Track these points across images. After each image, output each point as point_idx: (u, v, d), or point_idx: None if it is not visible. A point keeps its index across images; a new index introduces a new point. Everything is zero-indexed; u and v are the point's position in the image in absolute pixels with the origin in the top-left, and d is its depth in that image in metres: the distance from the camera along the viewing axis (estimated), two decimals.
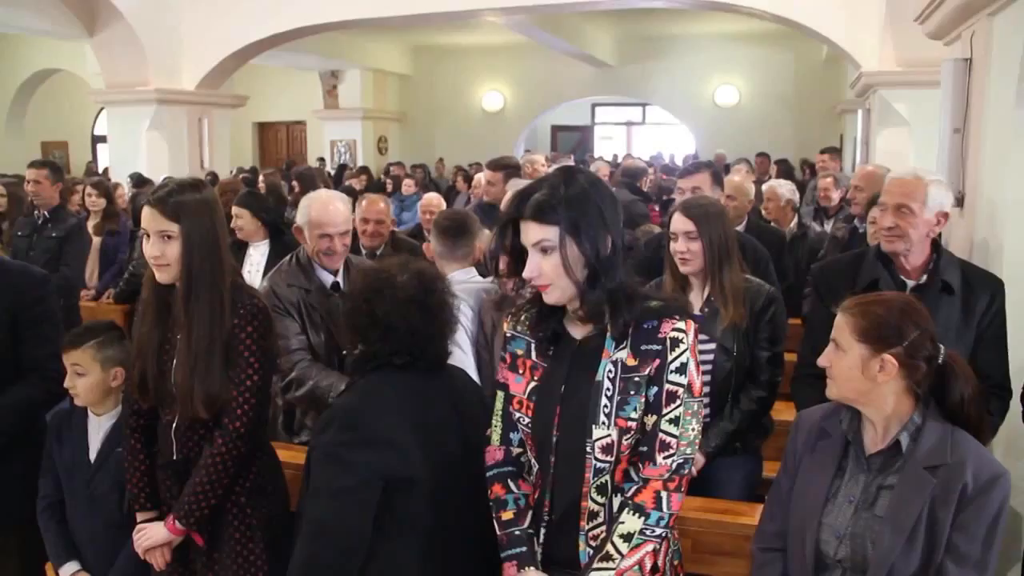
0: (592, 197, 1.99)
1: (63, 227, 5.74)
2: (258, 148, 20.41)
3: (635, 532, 1.98)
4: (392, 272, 2.29)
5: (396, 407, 2.21)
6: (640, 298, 2.03)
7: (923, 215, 2.90)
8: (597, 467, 2.02)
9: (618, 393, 2.01)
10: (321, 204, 3.46)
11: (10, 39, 16.12)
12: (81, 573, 2.83)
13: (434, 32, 16.36)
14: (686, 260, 3.17)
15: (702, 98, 17.69)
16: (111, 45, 10.88)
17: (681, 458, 2.00)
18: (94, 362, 2.82)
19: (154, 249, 2.43)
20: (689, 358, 2.00)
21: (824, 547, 2.18)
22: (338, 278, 3.44)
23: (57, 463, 2.88)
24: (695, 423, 2.02)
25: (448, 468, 2.23)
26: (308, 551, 2.16)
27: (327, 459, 2.19)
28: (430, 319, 2.26)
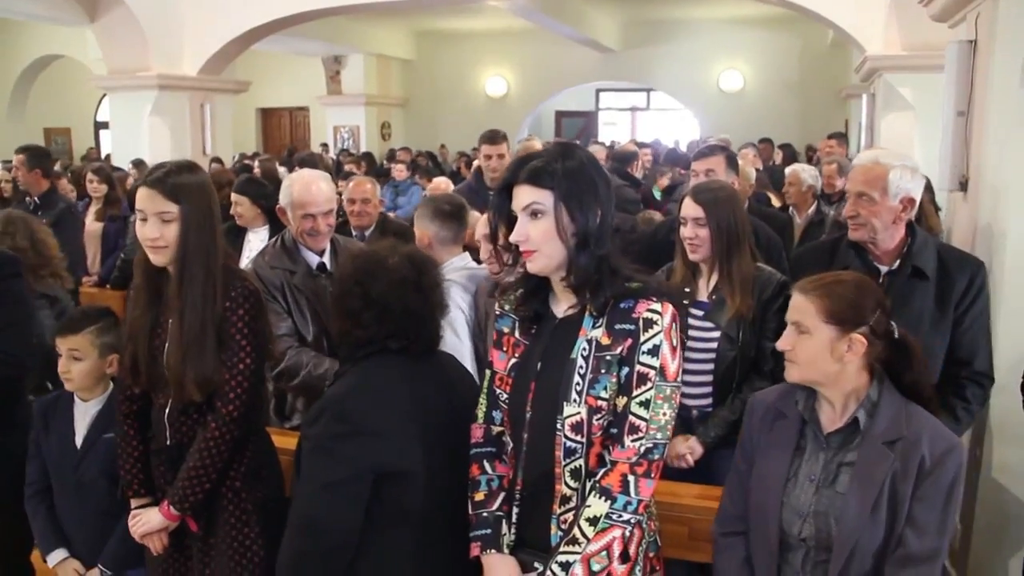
0: (588, 170, 2.01)
1: (53, 213, 5.73)
2: (261, 134, 20.37)
3: (601, 516, 1.97)
4: (383, 255, 2.28)
5: (388, 397, 2.19)
6: (623, 276, 2.02)
7: (886, 202, 2.85)
8: (568, 447, 2.02)
9: (590, 371, 2.00)
10: (303, 184, 3.43)
11: (12, 25, 16.09)
12: (70, 560, 2.82)
13: (437, 17, 16.30)
14: (695, 247, 3.13)
15: (707, 83, 17.58)
16: (112, 30, 10.86)
17: (650, 442, 1.98)
18: (92, 348, 2.80)
19: (152, 231, 2.41)
20: (663, 340, 1.98)
21: (787, 527, 2.19)
22: (324, 259, 3.41)
23: (43, 449, 2.87)
24: (667, 408, 1.99)
25: (443, 456, 2.21)
26: (296, 545, 2.16)
27: (317, 451, 2.17)
28: (424, 300, 2.24)
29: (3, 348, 2.85)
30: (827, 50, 15.74)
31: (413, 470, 2.16)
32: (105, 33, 10.96)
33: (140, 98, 10.99)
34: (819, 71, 16.37)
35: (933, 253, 2.96)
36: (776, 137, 13.36)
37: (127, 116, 11.25)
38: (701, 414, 3.19)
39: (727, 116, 16.65)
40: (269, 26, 11.05)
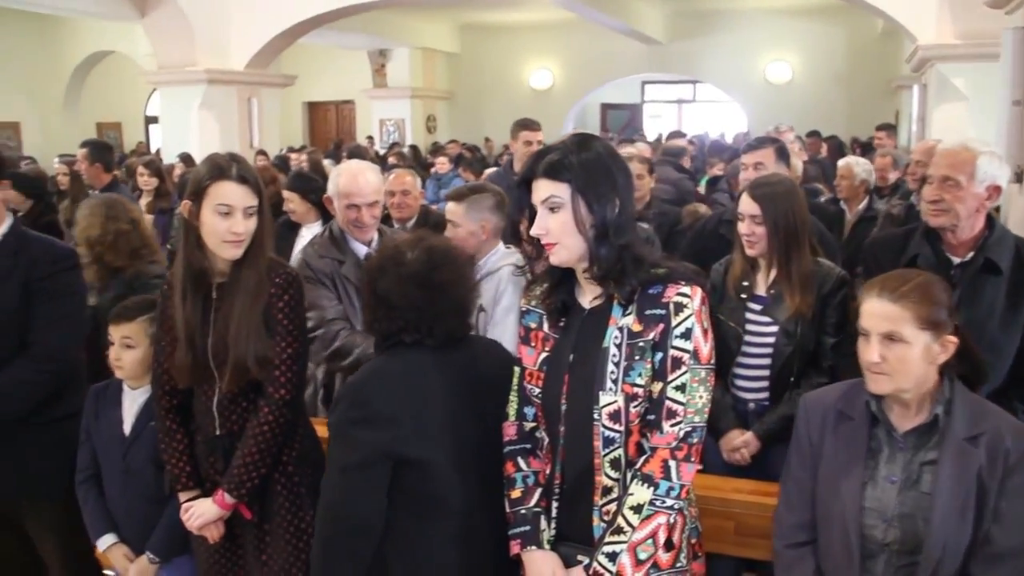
0: (604, 161, 2.01)
1: None
2: (307, 127, 20.55)
3: (645, 503, 1.95)
4: (402, 249, 2.27)
5: (403, 385, 2.18)
6: (647, 263, 2.01)
7: (971, 188, 2.76)
8: (606, 436, 2.00)
9: (624, 359, 1.99)
10: (350, 174, 3.44)
11: (66, 22, 16.39)
12: (118, 545, 2.85)
13: (482, 10, 16.30)
14: (752, 243, 3.08)
15: (753, 75, 17.42)
16: (161, 26, 11.02)
17: (689, 426, 1.97)
18: (145, 336, 2.82)
19: (240, 225, 2.42)
20: (694, 323, 1.96)
21: (870, 531, 2.12)
22: (372, 248, 3.42)
23: (93, 436, 2.90)
24: (703, 391, 1.98)
25: (467, 447, 2.20)
26: (320, 530, 2.19)
27: (335, 437, 2.21)
28: (434, 297, 2.20)
29: (51, 344, 2.87)
30: (876, 40, 15.51)
31: (429, 459, 2.15)
32: (154, 28, 11.13)
33: (189, 93, 11.15)
34: (868, 62, 16.14)
35: (1011, 247, 2.85)
36: (824, 129, 13.17)
37: (176, 110, 11.41)
38: (758, 408, 3.14)
39: (774, 108, 16.43)
40: (315, 20, 11.13)
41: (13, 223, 2.94)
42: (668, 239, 4.73)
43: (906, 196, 5.46)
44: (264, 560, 2.57)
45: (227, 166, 2.44)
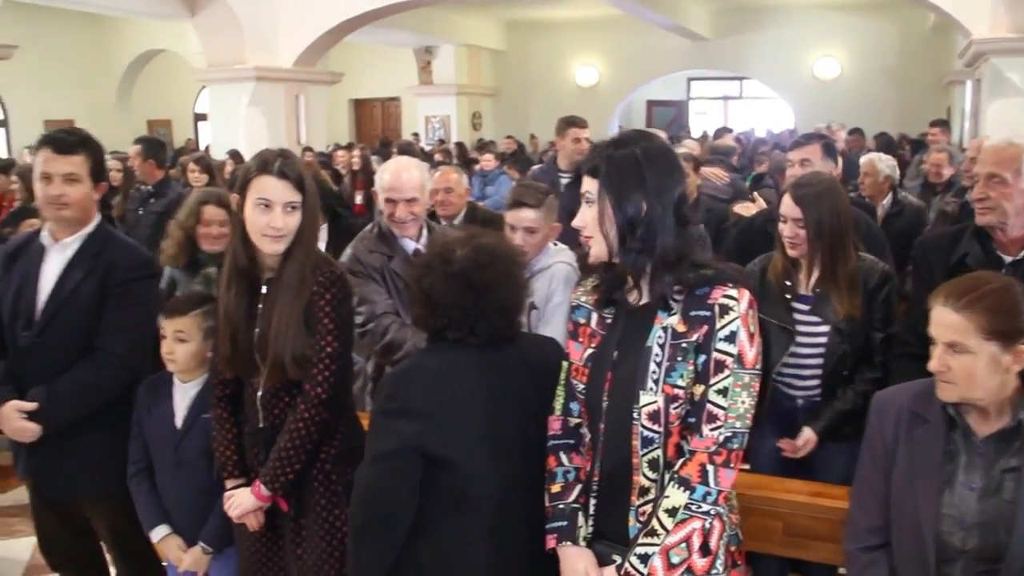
0: (637, 160, 1.99)
1: (164, 201, 5.91)
2: (353, 124, 20.70)
3: (680, 507, 1.93)
4: (451, 246, 2.27)
5: (438, 382, 2.19)
6: (689, 263, 1.99)
7: (1019, 184, 2.70)
8: (645, 436, 1.99)
9: (667, 359, 1.97)
10: (394, 170, 3.45)
11: (118, 22, 16.67)
12: (171, 536, 2.90)
13: (528, 6, 16.31)
14: (794, 244, 3.05)
15: (801, 71, 17.24)
16: (211, 24, 11.17)
17: (729, 431, 1.94)
18: (197, 331, 2.86)
19: (279, 220, 2.44)
20: (740, 327, 1.94)
21: (947, 538, 2.07)
22: (420, 244, 3.43)
23: (145, 430, 2.95)
24: (746, 396, 1.94)
25: (506, 446, 2.20)
26: (353, 516, 2.23)
27: (372, 425, 2.24)
28: (478, 296, 2.19)
29: (116, 351, 2.92)
30: (928, 35, 15.26)
31: (460, 456, 2.15)
32: (204, 27, 11.28)
33: (237, 90, 11.29)
34: (919, 57, 15.90)
35: None
36: (873, 126, 12.98)
37: (225, 107, 11.56)
38: (807, 404, 3.11)
39: (822, 104, 16.23)
40: (362, 17, 11.20)
41: (99, 223, 2.99)
42: (716, 237, 4.70)
43: (960, 193, 5.38)
44: (299, 554, 2.60)
45: (270, 161, 2.46)
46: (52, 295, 2.90)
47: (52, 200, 2.86)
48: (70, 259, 2.92)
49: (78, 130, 3.01)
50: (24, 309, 2.91)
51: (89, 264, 2.91)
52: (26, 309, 2.91)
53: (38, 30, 14.11)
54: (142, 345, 2.99)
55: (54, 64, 16.00)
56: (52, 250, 2.95)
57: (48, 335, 2.90)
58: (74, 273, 2.91)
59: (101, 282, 2.90)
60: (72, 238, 2.93)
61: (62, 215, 2.89)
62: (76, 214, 2.90)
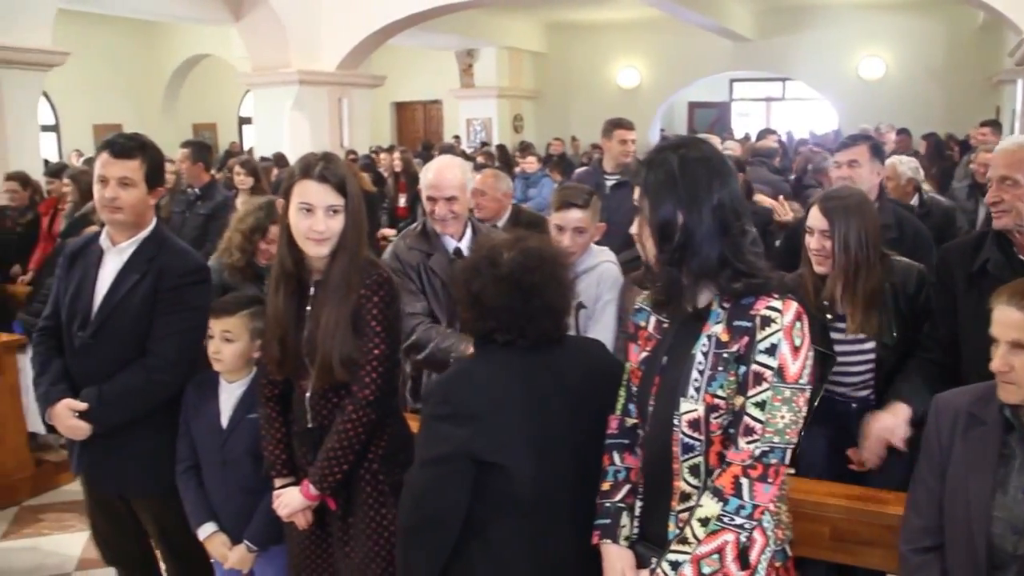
0: (671, 167, 1.98)
1: (211, 204, 5.99)
2: (395, 127, 20.82)
3: (712, 517, 1.91)
4: (499, 249, 2.28)
5: (488, 386, 2.20)
6: (733, 272, 1.97)
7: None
8: (686, 443, 1.98)
9: (709, 368, 1.96)
10: (436, 169, 3.48)
11: (165, 27, 16.92)
12: (218, 533, 2.93)
13: (569, 8, 16.29)
14: (821, 259, 3.01)
15: (846, 71, 17.02)
16: (255, 29, 11.31)
17: (766, 445, 1.90)
18: (244, 331, 2.90)
19: (320, 223, 2.46)
20: (781, 339, 1.90)
21: (999, 542, 2.04)
22: (461, 244, 3.45)
23: (192, 428, 2.99)
24: (786, 411, 1.90)
25: (556, 448, 2.20)
26: (402, 519, 2.25)
27: (423, 429, 2.25)
28: (527, 298, 2.20)
29: (166, 356, 2.96)
30: (976, 34, 15.01)
31: (510, 459, 2.16)
32: (249, 31, 11.42)
33: (281, 93, 11.42)
34: (967, 56, 15.64)
35: None
36: (919, 127, 12.78)
37: (269, 111, 11.70)
38: (862, 406, 3.07)
39: (867, 105, 16.05)
40: (405, 21, 11.27)
41: (155, 228, 3.03)
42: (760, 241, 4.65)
43: None
44: (347, 552, 2.63)
45: (312, 165, 2.49)
46: (106, 297, 2.95)
47: (106, 203, 2.91)
48: (125, 262, 2.97)
49: (137, 135, 3.05)
50: (81, 310, 2.97)
51: (143, 268, 2.96)
52: (83, 310, 2.97)
53: (87, 36, 14.36)
54: (192, 350, 3.02)
55: (103, 69, 16.30)
56: (109, 253, 3.00)
57: (101, 337, 2.95)
58: (128, 276, 2.95)
59: (154, 286, 2.94)
60: (128, 242, 2.98)
61: (116, 218, 2.94)
62: (130, 217, 2.94)
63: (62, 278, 3.08)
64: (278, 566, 2.94)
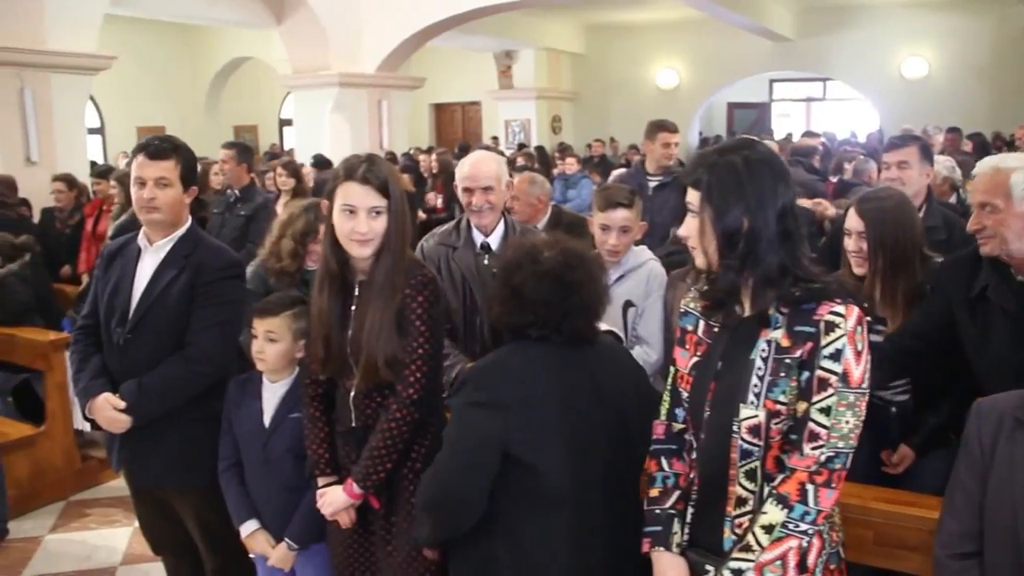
0: (737, 171, 1.95)
1: (251, 206, 6.04)
2: (434, 128, 20.91)
3: (777, 524, 1.90)
4: (539, 247, 2.32)
5: (520, 377, 2.23)
6: (794, 279, 1.95)
7: (1012, 208, 2.57)
8: (744, 449, 1.97)
9: (769, 374, 1.94)
10: (472, 161, 3.51)
11: (207, 31, 17.13)
12: (260, 531, 2.97)
13: (608, 9, 16.26)
14: (860, 260, 2.99)
15: (888, 71, 16.83)
16: (296, 32, 11.42)
17: (831, 451, 1.88)
18: (287, 331, 2.93)
19: (363, 225, 2.49)
20: (846, 344, 1.88)
21: None
22: (490, 239, 3.47)
23: (235, 427, 3.03)
24: (850, 416, 1.88)
25: (583, 445, 2.21)
26: (422, 495, 2.30)
27: (455, 414, 2.29)
28: (566, 295, 2.24)
29: (204, 347, 3.02)
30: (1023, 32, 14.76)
31: (537, 452, 2.17)
32: (290, 34, 11.53)
33: (321, 96, 11.52)
34: (1013, 55, 15.40)
35: None
36: (963, 126, 12.56)
37: (309, 113, 11.81)
38: (901, 410, 3.05)
39: (909, 105, 15.86)
40: (444, 23, 11.32)
41: (191, 227, 3.11)
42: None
43: None
44: (389, 551, 2.64)
45: (355, 167, 2.52)
46: (144, 294, 3.02)
47: (144, 203, 2.98)
48: (162, 259, 3.05)
49: (170, 137, 3.13)
50: (119, 307, 3.04)
51: (180, 264, 3.02)
52: (121, 307, 3.03)
53: (131, 40, 14.57)
54: (229, 342, 3.09)
55: (146, 73, 16.53)
56: (147, 252, 3.08)
57: (140, 332, 3.01)
58: (166, 273, 3.02)
59: (191, 282, 3.01)
60: (165, 240, 3.05)
61: (153, 218, 3.01)
62: (167, 216, 3.01)
63: (100, 277, 3.16)
64: (318, 564, 2.97)
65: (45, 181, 7.62)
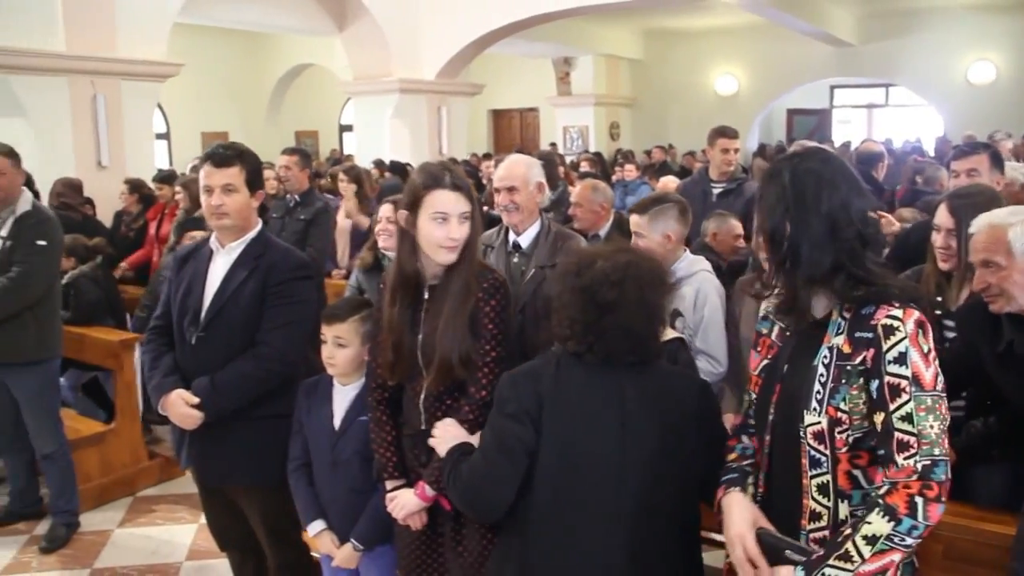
0: (781, 175, 1.99)
1: (311, 210, 6.11)
2: (492, 134, 20.99)
3: (882, 536, 1.82)
4: (594, 258, 2.26)
5: (547, 389, 2.21)
6: (848, 277, 1.94)
7: (1016, 264, 2.51)
8: (813, 456, 1.95)
9: (831, 380, 1.93)
10: (504, 163, 3.60)
11: (270, 38, 17.40)
12: (326, 532, 3.02)
13: (667, 15, 16.21)
14: (947, 256, 2.95)
15: (953, 76, 16.50)
16: (358, 39, 11.57)
17: (927, 459, 1.81)
18: (356, 336, 2.97)
19: (456, 231, 2.54)
20: (909, 347, 1.84)
21: None
22: (520, 238, 3.50)
23: (305, 428, 3.08)
24: (933, 419, 1.83)
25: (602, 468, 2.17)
26: (455, 492, 2.36)
27: (489, 420, 2.32)
28: (601, 314, 2.17)
29: (275, 345, 3.09)
30: None
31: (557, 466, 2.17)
32: (352, 42, 11.68)
33: (382, 102, 11.65)
34: None
35: None
36: None
37: (370, 119, 11.95)
38: (952, 422, 2.98)
39: (976, 111, 15.53)
40: (503, 30, 11.38)
41: (261, 229, 3.19)
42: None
43: None
44: (460, 552, 2.66)
45: (441, 175, 2.56)
46: (217, 294, 3.10)
47: (213, 210, 3.07)
48: (234, 261, 3.12)
49: (235, 144, 3.21)
50: (192, 307, 3.12)
51: (251, 265, 3.10)
52: (194, 307, 3.12)
53: (197, 47, 14.84)
54: (299, 341, 3.15)
55: (211, 79, 16.82)
56: (219, 254, 3.16)
57: (212, 332, 3.09)
58: (237, 274, 3.10)
59: (262, 282, 3.08)
60: (236, 243, 3.13)
61: (223, 223, 3.09)
62: (236, 221, 3.09)
63: (173, 279, 3.25)
64: (382, 565, 3.01)
65: (115, 185, 7.82)
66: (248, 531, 3.29)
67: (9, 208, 4.38)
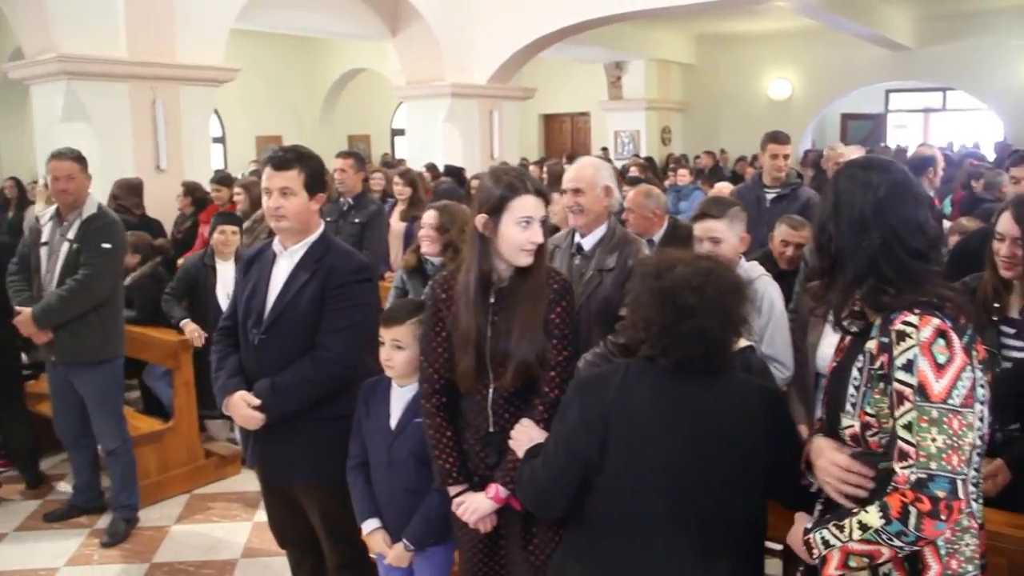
0: (833, 184, 2.05)
1: (365, 213, 6.18)
2: (543, 139, 21.02)
3: (871, 528, 1.85)
4: (674, 262, 2.25)
5: (614, 396, 2.19)
6: (876, 283, 1.95)
7: None
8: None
9: (864, 384, 1.95)
10: (574, 165, 3.65)
11: (324, 43, 17.62)
12: (380, 530, 3.06)
13: (719, 20, 16.10)
14: (1011, 265, 2.90)
15: (1013, 79, 16.17)
16: (411, 44, 11.66)
17: (922, 472, 1.79)
18: (413, 338, 2.99)
19: (538, 235, 2.60)
20: (918, 355, 1.82)
21: None
22: (584, 240, 3.53)
23: (364, 428, 3.12)
24: (936, 433, 1.79)
25: (671, 476, 2.14)
26: (521, 494, 2.44)
27: (554, 425, 2.34)
28: (679, 318, 2.14)
29: (334, 349, 3.12)
30: None
31: (618, 475, 2.16)
32: (405, 46, 11.77)
33: (434, 106, 11.73)
34: None
35: None
36: None
37: (422, 123, 12.03)
38: (1005, 437, 2.92)
39: None
40: (555, 34, 11.40)
41: (323, 232, 3.23)
42: None
43: None
44: (530, 551, 2.68)
45: (520, 181, 2.61)
46: (279, 297, 3.15)
47: (272, 212, 3.12)
48: (296, 264, 3.17)
49: (296, 147, 3.25)
50: (255, 309, 3.17)
51: (312, 268, 3.14)
52: (257, 309, 3.17)
53: (251, 52, 15.04)
54: (357, 344, 3.17)
55: (266, 84, 17.10)
56: (282, 256, 3.20)
57: (273, 333, 3.14)
58: (299, 276, 3.14)
59: (322, 285, 3.12)
60: (298, 245, 3.18)
61: (281, 225, 3.13)
62: (295, 223, 3.13)
63: (239, 282, 3.31)
64: (435, 564, 3.05)
65: (173, 188, 7.99)
66: (308, 530, 3.34)
67: (77, 211, 4.52)
